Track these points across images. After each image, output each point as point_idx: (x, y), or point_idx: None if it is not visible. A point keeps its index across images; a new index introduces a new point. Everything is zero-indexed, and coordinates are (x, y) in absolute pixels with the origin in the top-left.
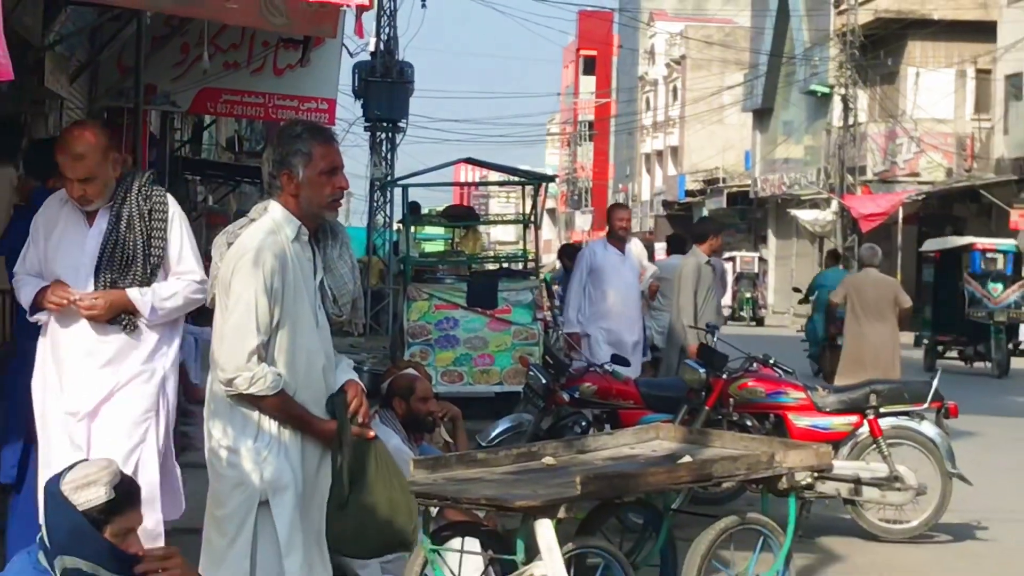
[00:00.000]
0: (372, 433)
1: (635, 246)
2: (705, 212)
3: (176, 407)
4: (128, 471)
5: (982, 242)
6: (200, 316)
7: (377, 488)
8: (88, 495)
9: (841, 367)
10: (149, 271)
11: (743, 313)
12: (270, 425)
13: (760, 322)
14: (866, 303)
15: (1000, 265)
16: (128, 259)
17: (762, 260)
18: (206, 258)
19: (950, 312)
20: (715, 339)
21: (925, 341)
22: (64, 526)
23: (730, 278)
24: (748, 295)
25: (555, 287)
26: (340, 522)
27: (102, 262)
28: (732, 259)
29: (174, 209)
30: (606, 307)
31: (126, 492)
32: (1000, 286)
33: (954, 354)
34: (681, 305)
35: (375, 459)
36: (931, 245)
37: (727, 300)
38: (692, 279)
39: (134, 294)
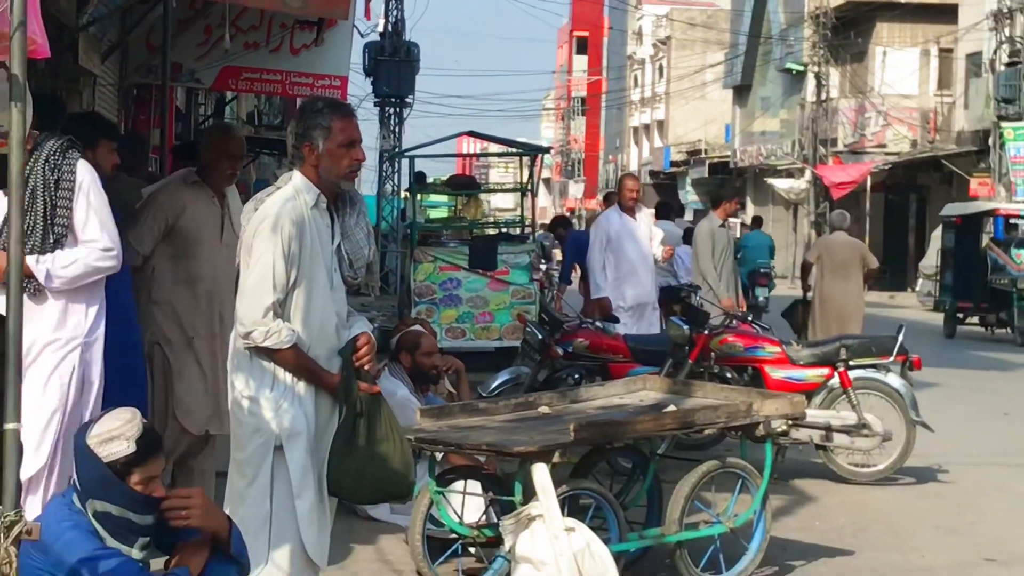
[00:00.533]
0: (377, 388)
1: (644, 214)
2: (688, 181)
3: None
4: (38, 439)
5: (1005, 207)
6: None
7: (378, 440)
8: (112, 448)
9: (812, 321)
10: (53, 241)
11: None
12: (286, 377)
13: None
14: (835, 263)
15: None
16: (27, 229)
17: (744, 225)
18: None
19: (971, 278)
20: (698, 298)
21: (945, 308)
22: (92, 476)
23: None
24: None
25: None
26: (340, 469)
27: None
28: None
29: (83, 177)
30: (624, 272)
31: (148, 443)
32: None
33: (975, 320)
34: (703, 267)
35: (379, 413)
36: (952, 209)
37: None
38: (708, 242)
39: (30, 260)
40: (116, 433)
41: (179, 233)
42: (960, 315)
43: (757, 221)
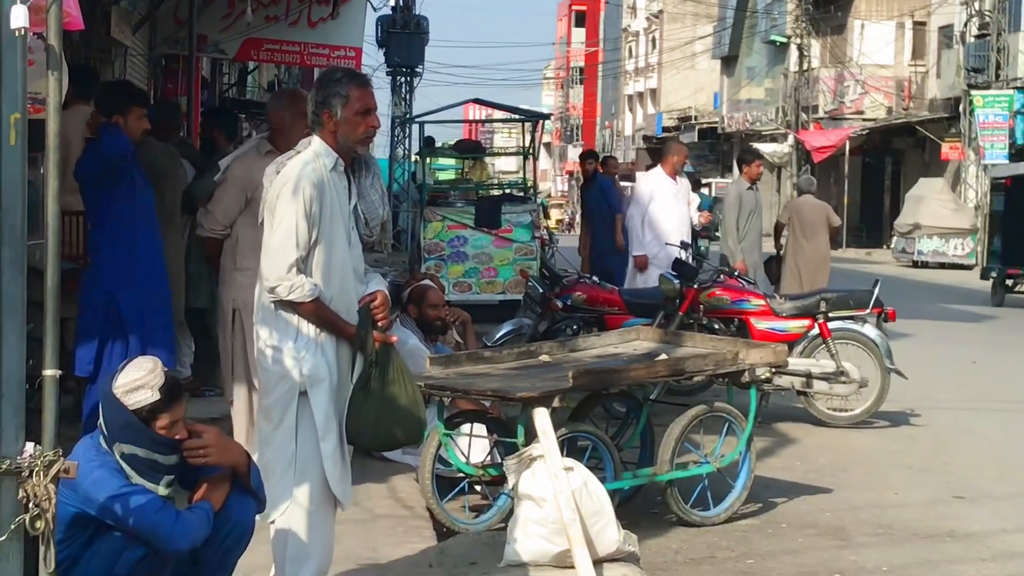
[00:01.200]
0: (394, 338)
1: (684, 180)
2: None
3: None
4: None
5: None
6: None
7: (390, 386)
8: (137, 397)
9: (783, 274)
10: None
11: (718, 233)
12: (308, 328)
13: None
14: (804, 223)
15: None
16: None
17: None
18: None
19: (1021, 244)
20: (688, 254)
21: (993, 274)
22: (118, 422)
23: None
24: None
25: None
26: (357, 416)
27: None
28: (708, 185)
29: None
30: (663, 231)
31: (171, 390)
32: None
33: None
34: (726, 228)
35: (390, 363)
36: (1001, 171)
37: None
38: (735, 205)
39: None
40: (141, 383)
41: (257, 203)
42: (1009, 282)
43: (695, 182)
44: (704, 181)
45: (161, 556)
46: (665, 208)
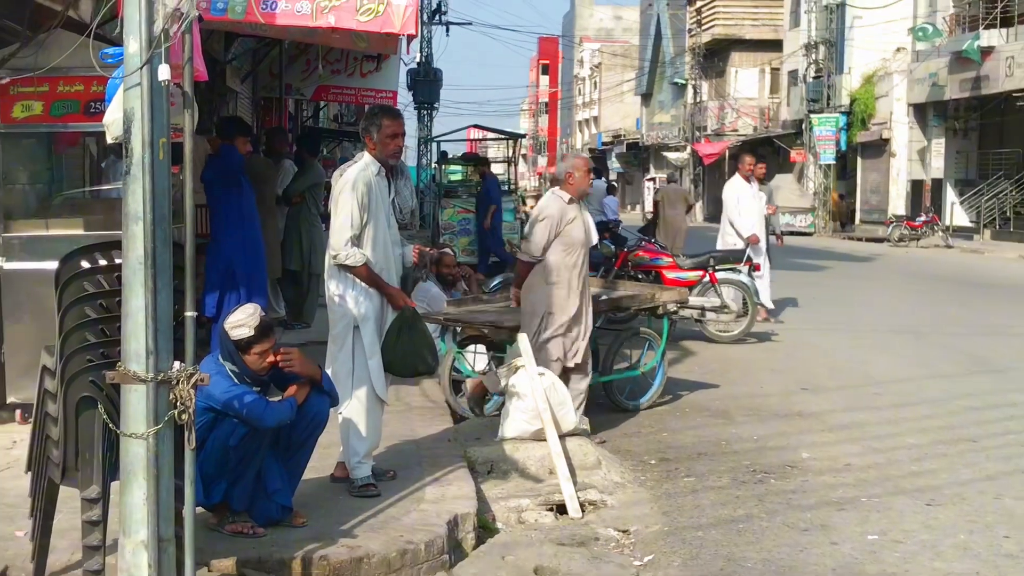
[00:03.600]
0: (413, 304)
1: (755, 181)
2: (614, 155)
3: None
4: None
5: None
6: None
7: (415, 337)
8: (239, 332)
9: (657, 233)
10: None
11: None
12: (360, 283)
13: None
14: (671, 201)
15: None
16: None
17: (671, 180)
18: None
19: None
20: (620, 228)
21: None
22: (227, 347)
23: (650, 196)
24: None
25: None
26: (390, 353)
27: None
28: (653, 179)
29: None
30: (746, 223)
31: (263, 330)
32: None
33: None
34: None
35: (417, 320)
36: None
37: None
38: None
39: None
40: (242, 323)
41: (562, 236)
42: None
43: (597, 173)
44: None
45: (258, 433)
46: (749, 205)
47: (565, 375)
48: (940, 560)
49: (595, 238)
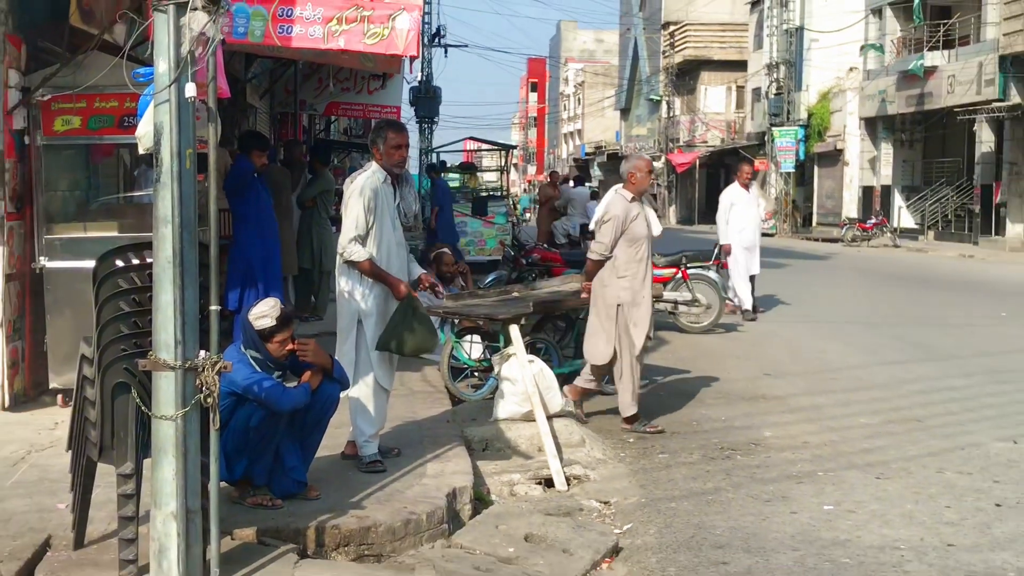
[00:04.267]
0: (415, 293)
1: (754, 187)
2: (596, 164)
3: None
4: None
5: None
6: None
7: (416, 320)
8: (262, 323)
9: None
10: None
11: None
12: (365, 280)
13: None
14: None
15: None
16: None
17: (658, 186)
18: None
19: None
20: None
21: None
22: (251, 336)
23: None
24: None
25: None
26: (395, 334)
27: None
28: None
29: None
30: (740, 226)
31: (283, 320)
32: None
33: None
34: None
35: (419, 307)
36: None
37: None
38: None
39: None
40: (265, 313)
41: (628, 233)
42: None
43: (578, 179)
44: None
45: (276, 415)
46: (743, 211)
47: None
48: (888, 527)
49: (658, 229)
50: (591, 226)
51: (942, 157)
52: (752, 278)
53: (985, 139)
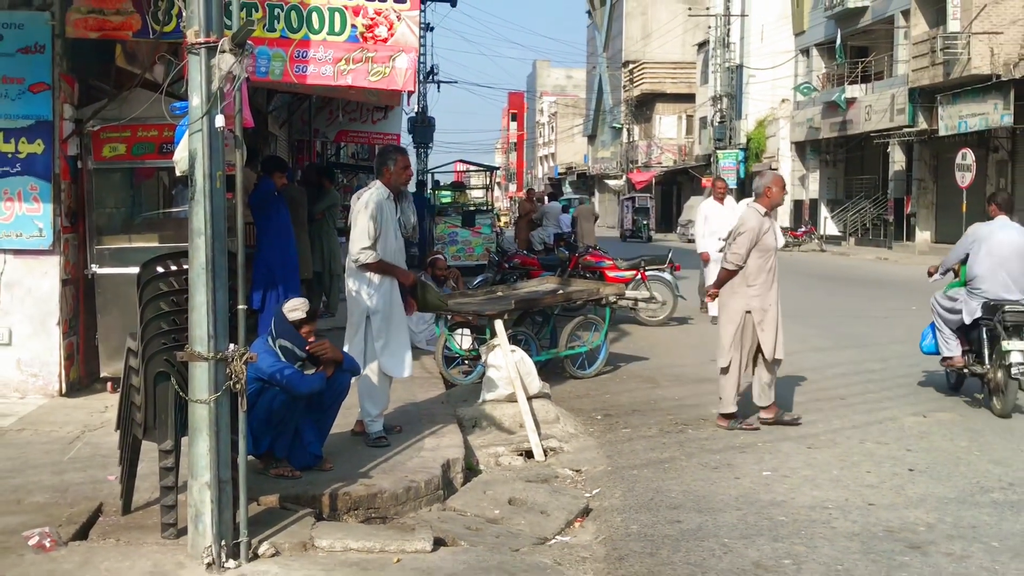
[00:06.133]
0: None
1: (729, 201)
2: (567, 182)
3: None
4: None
5: None
6: None
7: (427, 292)
8: (294, 315)
9: (578, 240)
10: None
11: (640, 233)
12: (372, 281)
13: (650, 239)
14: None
15: None
16: None
17: (652, 198)
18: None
19: None
20: (573, 239)
21: None
22: (284, 327)
23: (628, 213)
24: (644, 221)
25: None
26: (420, 302)
27: None
28: (632, 199)
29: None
30: (713, 239)
31: (311, 314)
32: None
33: None
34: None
35: (427, 285)
36: None
37: (629, 224)
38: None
39: None
40: (296, 307)
41: (760, 245)
42: None
43: (552, 196)
44: (628, 196)
45: (295, 398)
46: (718, 222)
47: (766, 364)
48: (818, 490)
49: (781, 241)
50: (727, 236)
51: (861, 174)
52: None
53: (897, 159)
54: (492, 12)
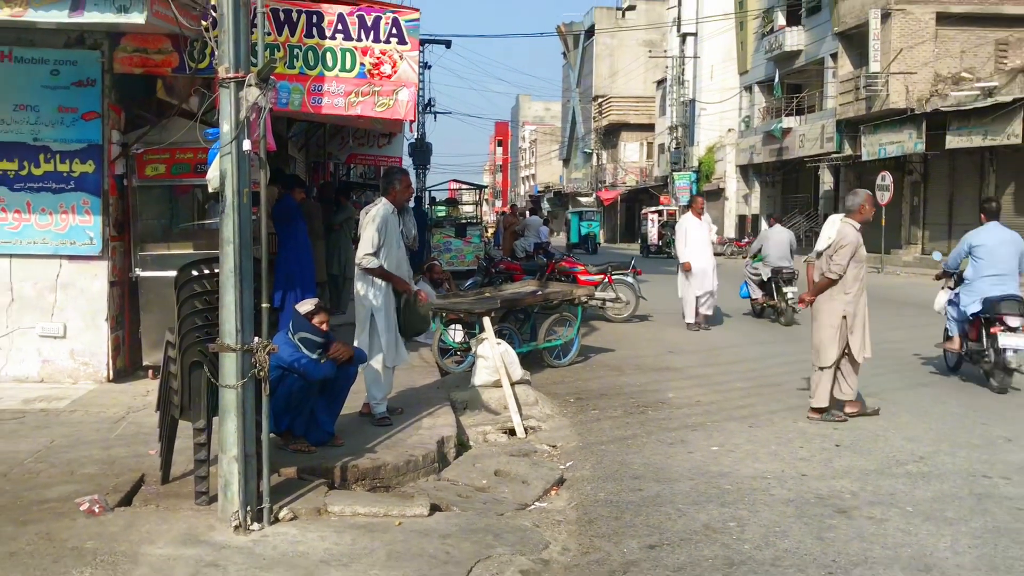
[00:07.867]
0: (416, 290)
1: (707, 217)
2: (545, 199)
3: None
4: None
5: None
6: None
7: (415, 309)
8: (306, 308)
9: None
10: None
11: (667, 248)
12: (378, 282)
13: (595, 250)
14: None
15: None
16: None
17: (598, 212)
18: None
19: None
20: (550, 247)
21: None
22: (301, 321)
23: (654, 227)
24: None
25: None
26: (401, 319)
27: None
28: (660, 212)
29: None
30: (696, 251)
31: (319, 308)
32: None
33: None
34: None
35: (416, 302)
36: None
37: (654, 239)
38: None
39: None
40: (312, 305)
41: (855, 257)
42: None
43: (532, 210)
44: (654, 209)
45: (311, 384)
46: (697, 236)
47: (852, 362)
48: (759, 462)
49: (864, 254)
50: (818, 247)
51: (796, 193)
52: (711, 293)
53: (827, 180)
54: (481, 53)
